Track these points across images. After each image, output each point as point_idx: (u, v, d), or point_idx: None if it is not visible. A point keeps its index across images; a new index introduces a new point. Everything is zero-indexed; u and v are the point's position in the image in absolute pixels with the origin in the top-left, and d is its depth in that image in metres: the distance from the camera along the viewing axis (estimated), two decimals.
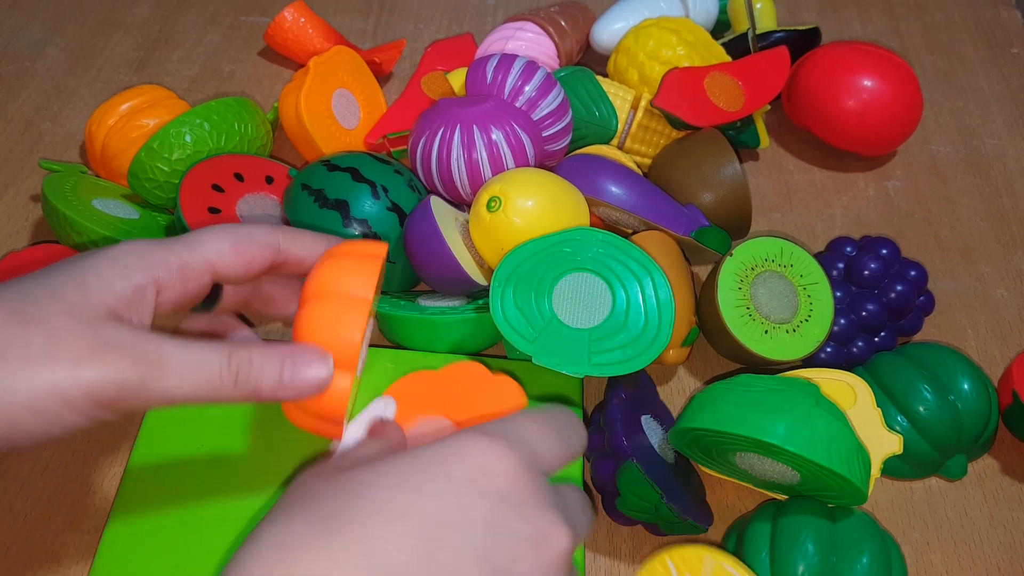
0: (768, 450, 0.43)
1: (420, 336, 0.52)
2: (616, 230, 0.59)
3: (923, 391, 0.48)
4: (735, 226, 0.59)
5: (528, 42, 0.69)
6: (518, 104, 0.57)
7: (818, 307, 0.53)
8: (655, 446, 0.48)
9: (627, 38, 0.66)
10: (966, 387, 0.49)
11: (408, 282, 0.59)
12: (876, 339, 0.55)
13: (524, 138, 0.56)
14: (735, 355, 0.54)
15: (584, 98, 0.62)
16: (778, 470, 0.45)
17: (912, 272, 0.55)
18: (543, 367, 0.46)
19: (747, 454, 0.45)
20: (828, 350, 0.54)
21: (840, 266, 0.56)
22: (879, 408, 0.47)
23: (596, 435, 0.48)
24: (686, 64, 0.64)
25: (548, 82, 0.57)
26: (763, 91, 0.64)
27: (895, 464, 0.49)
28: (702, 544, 0.44)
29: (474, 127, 0.55)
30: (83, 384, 0.30)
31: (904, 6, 0.85)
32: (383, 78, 0.75)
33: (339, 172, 0.55)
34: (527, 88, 0.57)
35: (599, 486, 0.48)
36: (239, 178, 0.59)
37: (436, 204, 0.54)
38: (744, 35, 0.71)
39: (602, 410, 0.49)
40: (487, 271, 0.55)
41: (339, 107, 0.65)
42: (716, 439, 0.45)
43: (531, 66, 0.57)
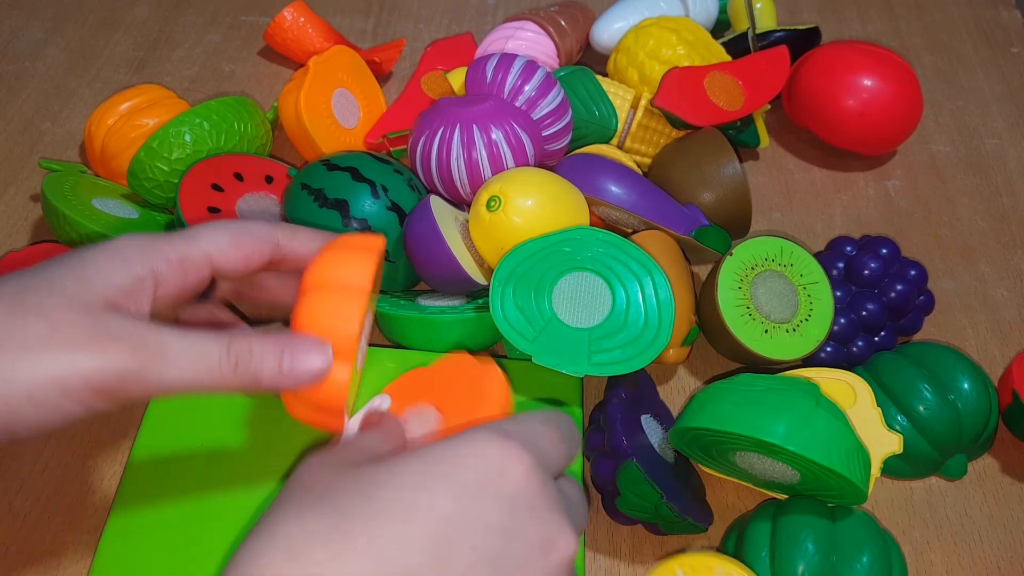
0: (768, 449, 0.43)
1: (420, 335, 0.52)
2: (616, 229, 0.59)
3: (923, 390, 0.48)
4: (735, 225, 0.59)
5: (528, 41, 0.68)
6: (518, 104, 0.57)
7: (818, 306, 0.53)
8: (655, 445, 0.48)
9: (627, 37, 0.66)
10: (966, 386, 0.49)
11: (408, 282, 0.59)
12: (876, 339, 0.55)
13: (524, 137, 0.56)
14: (735, 355, 0.54)
15: (584, 97, 0.62)
16: (778, 469, 0.45)
17: (912, 272, 0.55)
18: (543, 366, 0.46)
19: (747, 453, 0.45)
20: (828, 350, 0.54)
21: (840, 265, 0.56)
22: (879, 407, 0.47)
23: (596, 434, 0.48)
24: (686, 63, 0.64)
25: (548, 82, 0.57)
26: (763, 90, 0.64)
27: (895, 463, 0.49)
28: (711, 551, 0.44)
29: (474, 126, 0.55)
30: (82, 372, 0.30)
31: (904, 6, 0.85)
32: (383, 78, 0.75)
33: (339, 171, 0.55)
34: (527, 88, 0.57)
35: (599, 485, 0.48)
36: (239, 177, 0.59)
37: (436, 203, 0.54)
38: (744, 34, 0.71)
39: (602, 410, 0.49)
40: (487, 271, 0.55)
41: (339, 107, 0.65)
42: (716, 438, 0.45)
43: (531, 66, 0.57)
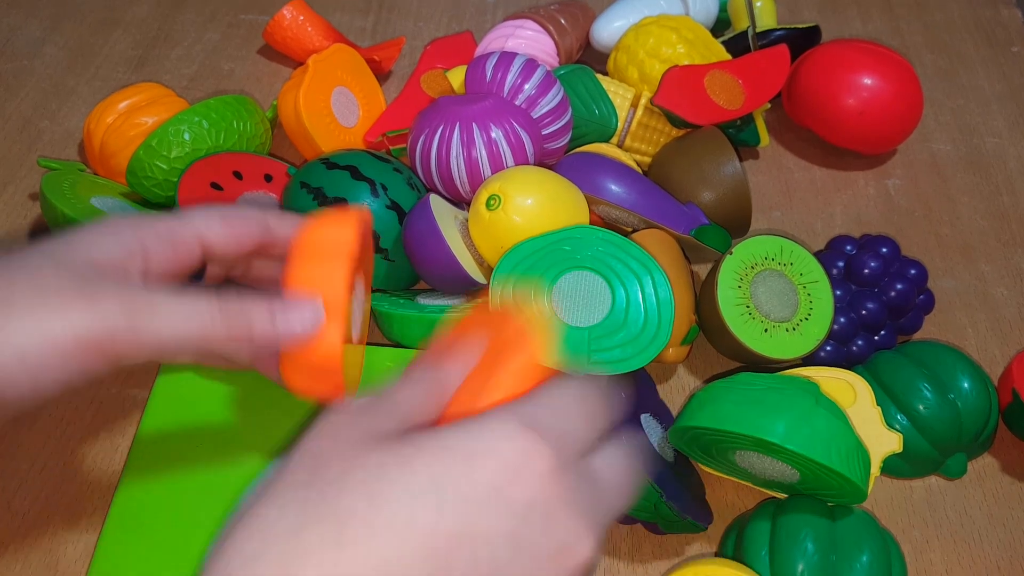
0: (768, 448, 0.43)
1: (420, 334, 0.52)
2: (616, 228, 0.59)
3: (923, 390, 0.48)
4: (735, 224, 0.59)
5: (528, 40, 0.68)
6: (518, 102, 0.57)
7: (818, 306, 0.53)
8: (655, 445, 0.48)
9: (627, 36, 0.66)
10: (966, 386, 0.49)
11: (408, 281, 0.58)
12: (876, 338, 0.55)
13: (524, 136, 0.56)
14: (735, 354, 0.54)
15: (584, 96, 0.62)
16: (778, 468, 0.45)
17: (912, 271, 0.55)
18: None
19: (747, 452, 0.45)
20: (828, 348, 0.54)
21: (840, 264, 0.56)
22: (879, 407, 0.47)
23: None
24: (686, 62, 0.64)
25: (548, 80, 0.57)
26: (763, 89, 0.64)
27: (895, 462, 0.49)
28: (722, 560, 0.44)
29: (473, 125, 0.55)
30: (73, 331, 0.30)
31: (904, 5, 0.85)
32: (382, 76, 0.75)
33: (338, 170, 0.55)
34: (527, 86, 0.57)
35: None
36: (238, 176, 0.59)
37: (435, 202, 0.54)
38: (744, 33, 0.70)
39: None
40: (486, 269, 0.55)
41: (338, 105, 0.65)
42: (716, 438, 0.45)
43: (531, 64, 0.57)
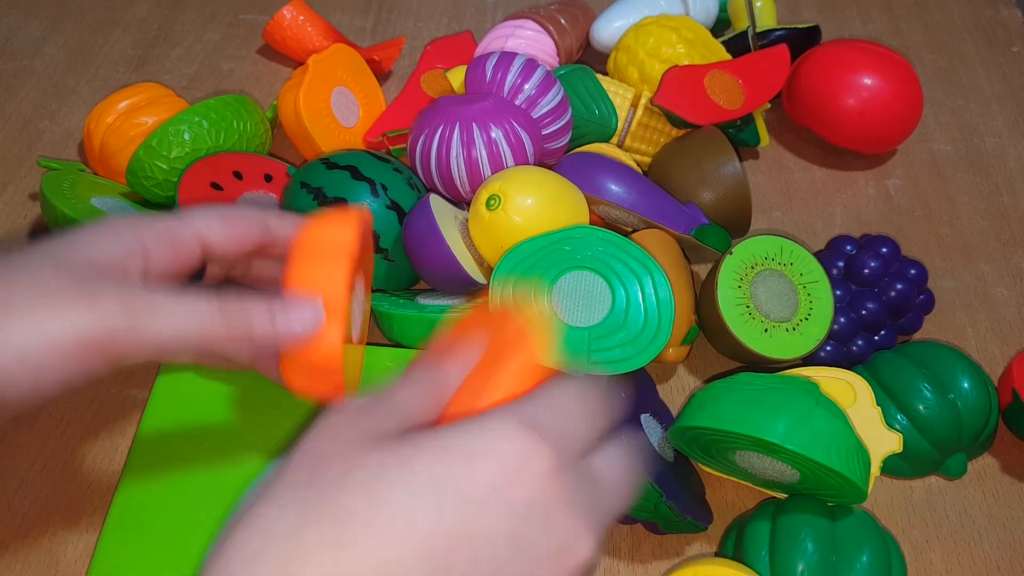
0: (768, 448, 0.43)
1: (420, 334, 0.52)
2: (616, 228, 0.59)
3: (923, 390, 0.48)
4: (735, 224, 0.59)
5: (528, 40, 0.68)
6: (517, 102, 0.57)
7: (818, 305, 0.53)
8: (654, 445, 0.48)
9: (627, 36, 0.66)
10: (966, 386, 0.49)
11: (408, 281, 0.58)
12: (876, 338, 0.55)
13: (524, 136, 0.56)
14: (735, 354, 0.54)
15: (584, 96, 0.62)
16: (778, 468, 0.45)
17: (912, 271, 0.55)
18: None
19: (747, 452, 0.45)
20: (828, 348, 0.54)
21: (840, 264, 0.56)
22: (879, 407, 0.47)
23: None
24: (686, 62, 0.64)
25: (548, 80, 0.57)
26: (763, 89, 0.64)
27: (895, 462, 0.49)
28: (723, 560, 0.44)
29: (473, 125, 0.55)
30: (73, 330, 0.30)
31: (904, 5, 0.85)
32: (382, 76, 0.75)
33: (338, 170, 0.55)
34: (527, 86, 0.57)
35: None
36: (238, 176, 0.59)
37: (435, 202, 0.54)
38: (744, 33, 0.70)
39: None
40: (486, 269, 0.55)
41: (338, 105, 0.65)
42: (716, 438, 0.45)
43: (531, 64, 0.57)
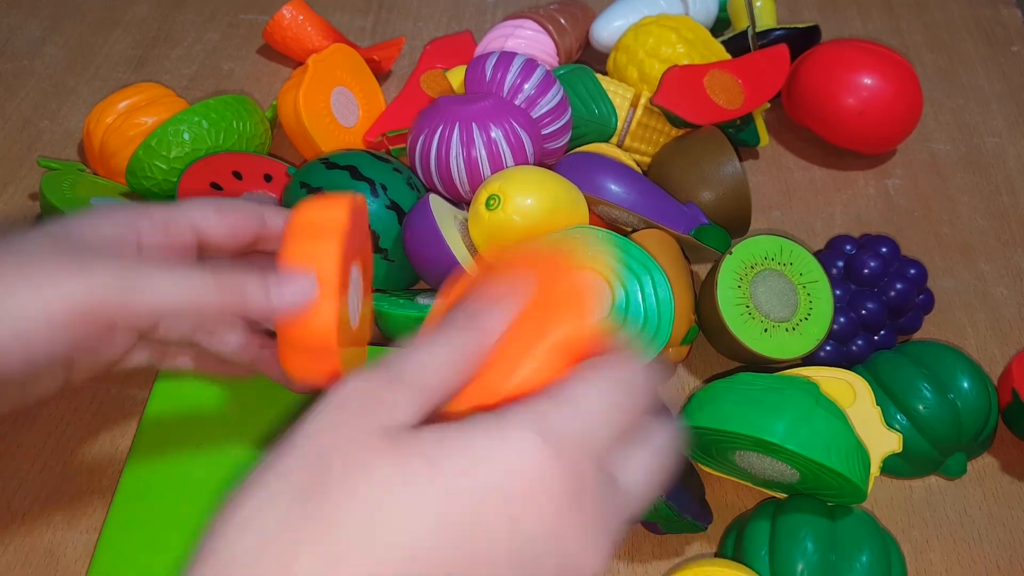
0: (768, 448, 0.43)
1: None
2: (616, 228, 0.59)
3: (923, 389, 0.48)
4: (735, 224, 0.59)
5: (527, 40, 0.68)
6: (517, 102, 0.57)
7: (818, 305, 0.53)
8: None
9: (627, 36, 0.66)
10: (966, 385, 0.49)
11: (407, 281, 0.58)
12: (876, 337, 0.55)
13: (523, 136, 0.56)
14: (734, 353, 0.54)
15: (583, 96, 0.62)
16: (778, 468, 0.45)
17: (912, 270, 0.55)
18: None
19: (747, 452, 0.45)
20: (828, 348, 0.54)
21: (840, 264, 0.56)
22: (879, 406, 0.47)
23: None
24: (686, 62, 0.64)
25: (547, 80, 0.57)
26: (763, 89, 0.64)
27: (894, 462, 0.49)
28: (724, 560, 0.43)
29: (473, 125, 0.55)
30: (63, 296, 0.30)
31: (904, 5, 0.85)
32: (382, 76, 0.75)
33: (338, 170, 0.55)
34: (526, 86, 0.57)
35: None
36: (237, 176, 0.59)
37: (435, 202, 0.54)
38: (744, 33, 0.70)
39: None
40: None
41: (338, 105, 0.65)
42: (716, 437, 0.45)
43: (530, 64, 0.57)
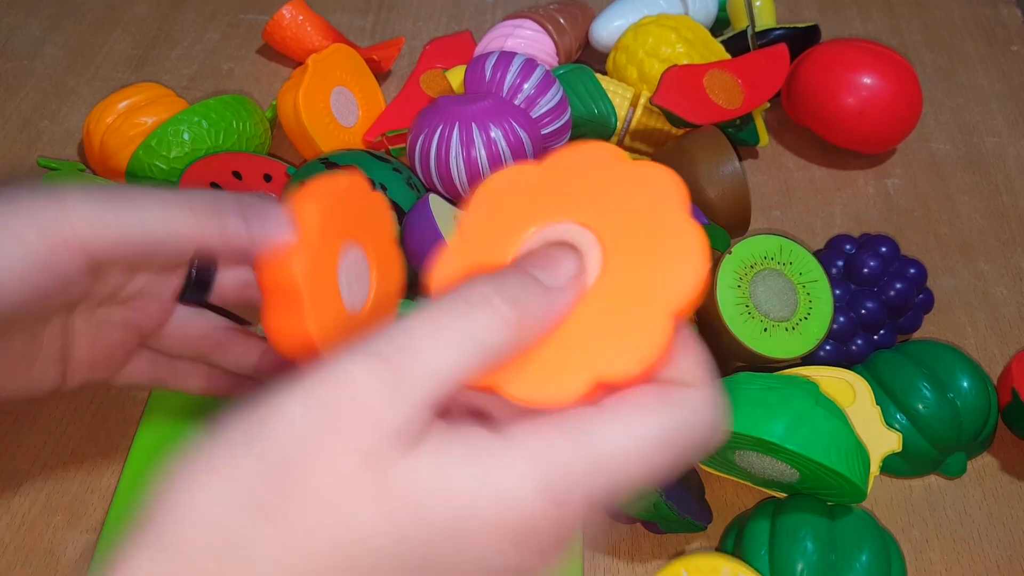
0: (767, 448, 0.43)
1: None
2: None
3: (922, 389, 0.48)
4: (734, 224, 0.59)
5: (527, 40, 0.68)
6: (517, 102, 0.57)
7: (817, 305, 0.53)
8: None
9: (626, 36, 0.66)
10: (965, 385, 0.49)
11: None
12: (875, 337, 0.55)
13: (523, 136, 0.56)
14: (734, 353, 0.54)
15: (583, 96, 0.62)
16: (777, 468, 0.45)
17: (911, 270, 0.55)
18: None
19: (746, 452, 0.45)
20: (827, 348, 0.53)
21: (839, 264, 0.56)
22: (878, 406, 0.47)
23: None
24: (685, 62, 0.64)
25: (547, 80, 0.57)
26: (762, 89, 0.64)
27: (894, 462, 0.49)
28: (716, 552, 0.44)
29: (473, 125, 0.55)
30: (38, 226, 0.30)
31: (904, 4, 0.85)
32: (382, 76, 0.75)
33: (337, 170, 0.55)
34: (526, 86, 0.57)
35: None
36: (237, 176, 0.59)
37: (435, 202, 0.54)
38: (743, 33, 0.70)
39: None
40: None
41: (337, 105, 0.65)
42: None
43: (530, 64, 0.57)
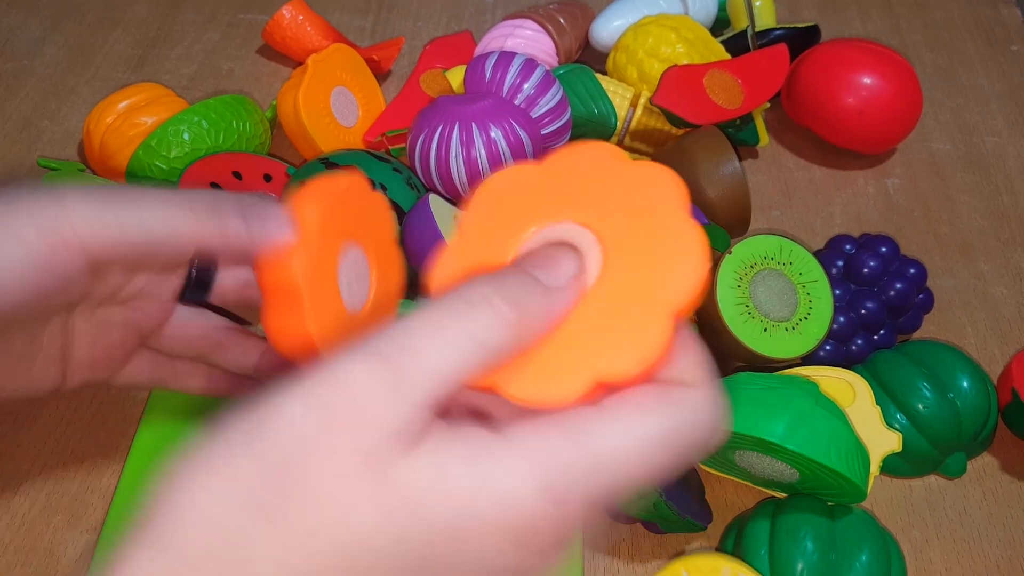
0: (767, 448, 0.43)
1: None
2: None
3: (922, 389, 0.48)
4: (734, 224, 0.59)
5: (527, 39, 0.68)
6: (517, 102, 0.57)
7: (817, 305, 0.53)
8: None
9: (626, 35, 0.66)
10: (965, 385, 0.49)
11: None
12: (875, 337, 0.55)
13: (523, 136, 0.56)
14: (734, 353, 0.54)
15: (583, 96, 0.62)
16: (777, 468, 0.45)
17: (911, 270, 0.55)
18: None
19: (746, 452, 0.45)
20: (827, 348, 0.53)
21: (839, 264, 0.56)
22: (878, 406, 0.47)
23: None
24: (685, 62, 0.64)
25: (547, 80, 0.57)
26: (762, 89, 0.64)
27: (894, 462, 0.49)
28: (716, 552, 0.44)
29: (473, 125, 0.55)
30: (40, 228, 0.30)
31: (904, 4, 0.85)
32: (382, 76, 0.75)
33: (337, 170, 0.55)
34: (526, 86, 0.57)
35: None
36: (237, 176, 0.59)
37: (435, 202, 0.54)
38: (743, 32, 0.70)
39: None
40: None
41: (337, 105, 0.65)
42: None
43: (530, 64, 0.57)
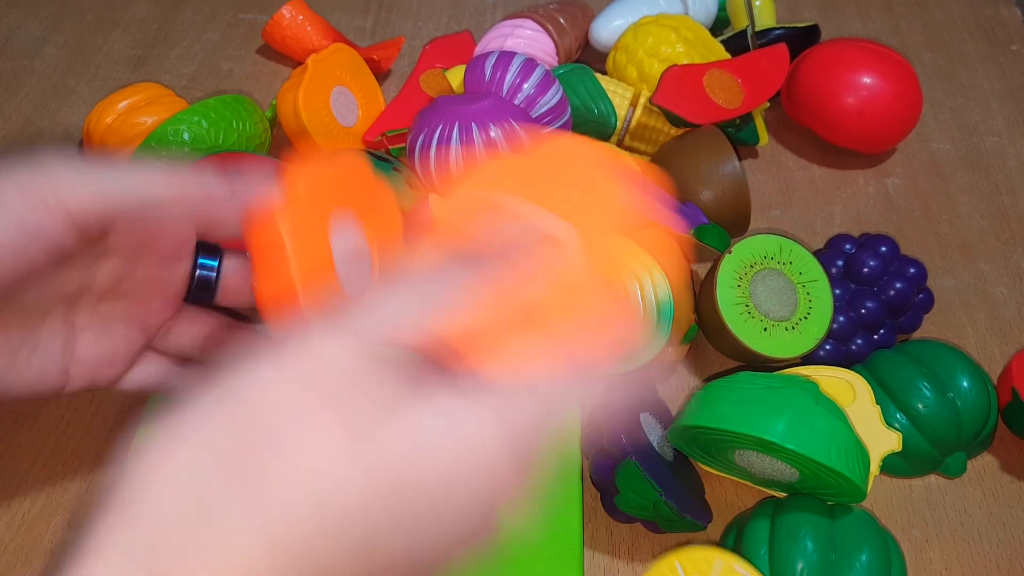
0: (767, 448, 0.43)
1: None
2: None
3: (922, 388, 0.48)
4: (734, 223, 0.59)
5: (527, 39, 0.68)
6: (516, 101, 0.57)
7: (817, 304, 0.53)
8: (654, 444, 0.48)
9: (626, 35, 0.66)
10: (965, 384, 0.49)
11: None
12: (875, 336, 0.55)
13: (523, 136, 0.56)
14: (734, 353, 0.54)
15: (583, 95, 0.62)
16: (777, 468, 0.45)
17: (911, 270, 0.55)
18: None
19: (746, 452, 0.45)
20: (827, 347, 0.54)
21: (839, 263, 0.56)
22: (878, 406, 0.47)
23: (595, 434, 0.48)
24: (685, 61, 0.64)
25: (547, 79, 0.57)
26: (762, 88, 0.64)
27: (894, 462, 0.49)
28: (711, 546, 0.44)
29: (472, 124, 0.55)
30: (24, 194, 0.30)
31: (904, 4, 0.85)
32: (381, 76, 0.75)
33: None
34: (526, 85, 0.57)
35: (598, 484, 0.48)
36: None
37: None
38: (743, 32, 0.70)
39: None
40: None
41: (337, 105, 0.65)
42: (715, 437, 0.45)
43: (530, 63, 0.57)
